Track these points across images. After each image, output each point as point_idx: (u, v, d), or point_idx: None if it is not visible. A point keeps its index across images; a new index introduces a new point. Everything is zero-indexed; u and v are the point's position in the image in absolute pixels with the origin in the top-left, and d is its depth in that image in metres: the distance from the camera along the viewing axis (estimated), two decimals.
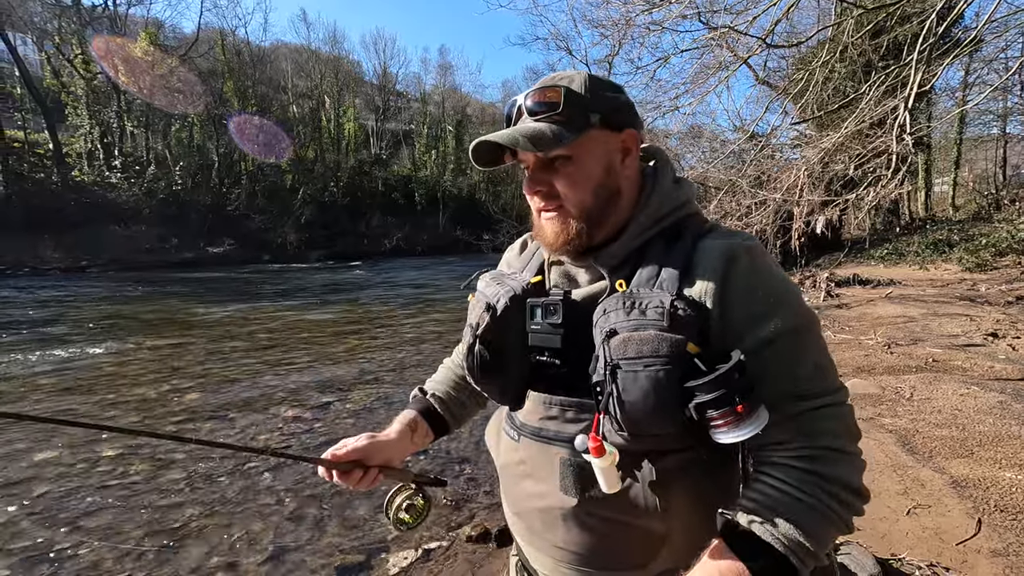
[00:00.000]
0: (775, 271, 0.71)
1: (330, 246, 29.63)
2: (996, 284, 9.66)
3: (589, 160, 0.74)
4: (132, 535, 2.79)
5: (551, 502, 0.76)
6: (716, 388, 0.60)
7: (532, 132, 0.71)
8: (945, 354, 5.24)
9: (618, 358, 0.64)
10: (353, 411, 4.72)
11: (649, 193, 0.78)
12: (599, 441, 0.66)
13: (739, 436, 0.61)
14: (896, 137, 4.38)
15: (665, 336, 0.63)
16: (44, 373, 5.88)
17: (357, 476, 0.88)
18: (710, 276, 0.68)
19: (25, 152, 24.63)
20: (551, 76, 0.77)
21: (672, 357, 0.62)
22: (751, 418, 0.61)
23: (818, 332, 0.70)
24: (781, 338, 0.66)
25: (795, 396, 0.66)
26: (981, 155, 24.00)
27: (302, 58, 40.63)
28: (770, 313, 0.67)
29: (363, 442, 0.89)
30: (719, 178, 7.97)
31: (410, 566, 2.49)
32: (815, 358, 0.68)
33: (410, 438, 0.94)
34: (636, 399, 0.63)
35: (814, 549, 0.61)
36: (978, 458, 3.01)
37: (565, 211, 0.76)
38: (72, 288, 14.43)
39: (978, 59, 11.02)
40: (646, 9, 5.67)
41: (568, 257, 0.81)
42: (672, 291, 0.67)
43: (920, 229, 16.88)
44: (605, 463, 0.66)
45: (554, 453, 0.75)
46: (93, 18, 27.05)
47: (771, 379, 0.65)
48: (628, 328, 0.65)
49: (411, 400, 1.03)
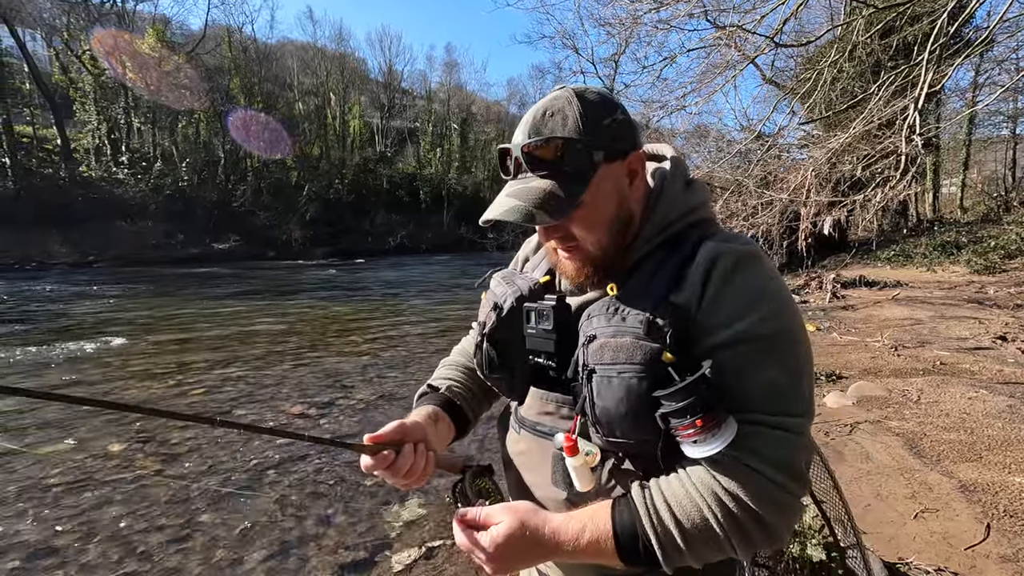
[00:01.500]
0: (763, 277, 0.67)
1: (335, 243, 29.72)
2: (1005, 287, 9.56)
3: (601, 200, 0.72)
4: (137, 527, 2.81)
5: (544, 494, 0.79)
6: (681, 398, 0.59)
7: (543, 198, 0.68)
8: (953, 357, 5.20)
9: (594, 363, 0.65)
10: (357, 408, 4.73)
11: (655, 203, 0.76)
12: (573, 441, 0.68)
13: (705, 451, 0.59)
14: (905, 138, 4.35)
15: (640, 344, 0.62)
16: (50, 367, 5.92)
17: (407, 463, 0.77)
18: (695, 281, 0.67)
19: (34, 147, 24.86)
20: (539, 117, 0.71)
21: (646, 364, 0.61)
22: (716, 433, 0.58)
23: (799, 351, 0.66)
24: (744, 343, 0.63)
25: (741, 410, 0.62)
26: (990, 156, 23.75)
27: (308, 55, 40.74)
28: (738, 316, 0.64)
29: (393, 425, 0.80)
30: (725, 178, 7.94)
31: (414, 563, 2.49)
32: (778, 374, 0.63)
33: (434, 429, 0.87)
34: (609, 404, 0.64)
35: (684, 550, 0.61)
36: (987, 462, 2.98)
37: (583, 250, 0.74)
38: (78, 283, 14.53)
39: (989, 59, 10.90)
40: (653, 8, 5.65)
41: (578, 285, 0.80)
42: (658, 298, 0.67)
43: (928, 231, 16.73)
44: (577, 462, 0.68)
45: (549, 447, 0.77)
46: (101, 14, 27.20)
47: (726, 384, 0.62)
48: (607, 334, 0.66)
49: (419, 398, 0.96)
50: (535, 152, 0.70)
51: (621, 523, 0.63)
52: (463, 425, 0.95)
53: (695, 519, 0.61)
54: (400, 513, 2.96)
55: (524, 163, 0.71)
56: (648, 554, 0.62)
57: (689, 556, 0.62)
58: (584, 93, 0.72)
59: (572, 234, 0.73)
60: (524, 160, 0.71)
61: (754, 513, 0.60)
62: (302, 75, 39.78)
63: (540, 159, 0.70)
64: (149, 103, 27.65)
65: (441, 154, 43.19)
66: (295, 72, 39.23)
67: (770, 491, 0.60)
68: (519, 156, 0.71)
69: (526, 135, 0.71)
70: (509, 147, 0.74)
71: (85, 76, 25.93)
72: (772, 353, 0.64)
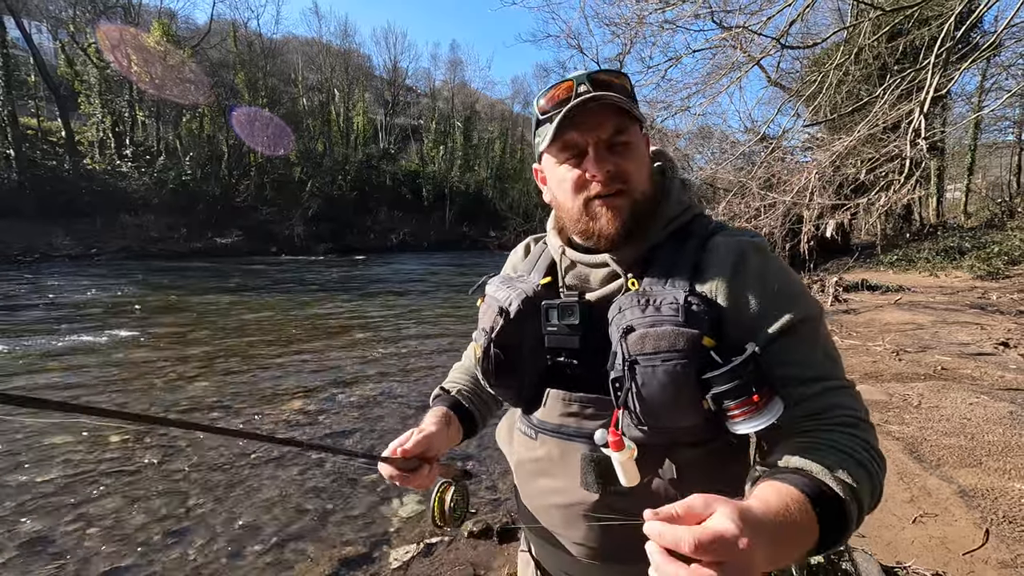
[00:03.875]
0: (784, 267, 0.74)
1: (337, 240, 29.71)
2: (1008, 293, 9.53)
3: (642, 148, 0.77)
4: (137, 521, 2.82)
5: (571, 498, 0.77)
6: (732, 379, 0.61)
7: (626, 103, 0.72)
8: (954, 362, 5.19)
9: (636, 354, 0.66)
10: (358, 404, 4.74)
11: (664, 196, 0.80)
12: (619, 435, 0.67)
13: (755, 426, 0.62)
14: (910, 142, 4.33)
15: (681, 331, 0.64)
16: (53, 357, 5.94)
17: (424, 473, 0.82)
18: (722, 272, 0.70)
19: (38, 139, 24.87)
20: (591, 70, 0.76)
21: (689, 351, 0.64)
22: (767, 408, 0.62)
23: (826, 324, 0.73)
24: (797, 327, 0.68)
25: (815, 379, 0.67)
26: (995, 162, 23.67)
27: (313, 51, 40.71)
28: (785, 305, 0.69)
29: (420, 436, 0.83)
30: (728, 179, 7.92)
31: (412, 560, 2.50)
32: (827, 347, 0.70)
33: (446, 432, 0.90)
34: (655, 393, 0.65)
35: (862, 499, 0.57)
36: (987, 468, 2.98)
37: (627, 194, 0.74)
38: (81, 275, 14.56)
39: (996, 64, 10.86)
40: (659, 8, 5.63)
41: (607, 245, 0.77)
42: (685, 288, 0.70)
43: (931, 235, 16.66)
44: (624, 456, 0.67)
45: (574, 450, 0.76)
46: (107, 7, 27.21)
47: (792, 364, 0.67)
48: (645, 324, 0.67)
49: (434, 399, 1.00)
50: (608, 79, 0.74)
51: (804, 486, 0.54)
52: (471, 427, 0.98)
53: (853, 469, 0.58)
54: (398, 510, 2.97)
55: (592, 88, 0.73)
56: (840, 517, 0.54)
57: (867, 503, 0.58)
58: None
59: (626, 170, 0.74)
60: (594, 84, 0.73)
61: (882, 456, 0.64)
62: (306, 71, 39.74)
63: (611, 84, 0.73)
64: (153, 96, 27.67)
65: (444, 152, 43.14)
66: (299, 68, 39.19)
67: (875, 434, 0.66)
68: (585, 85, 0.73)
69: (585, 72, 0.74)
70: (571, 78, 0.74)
71: (90, 69, 25.95)
72: (820, 329, 0.71)
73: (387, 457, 0.79)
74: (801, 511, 0.51)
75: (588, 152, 0.73)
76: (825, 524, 0.52)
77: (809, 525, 0.52)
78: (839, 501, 0.55)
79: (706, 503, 0.48)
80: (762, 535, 0.46)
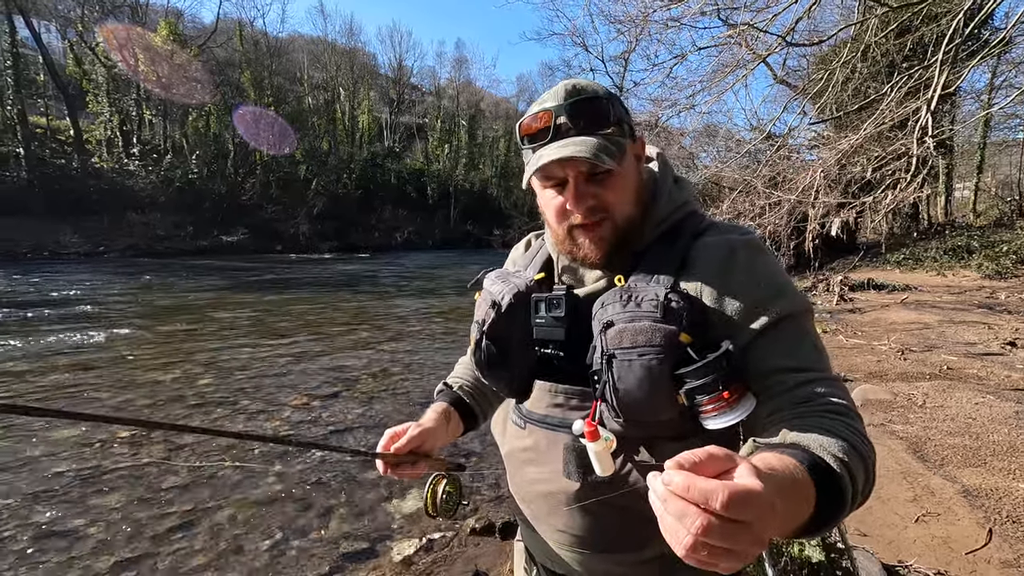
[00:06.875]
0: (772, 262, 0.74)
1: (342, 238, 29.82)
2: (1016, 292, 9.44)
3: (630, 170, 0.76)
4: (141, 514, 2.85)
5: (554, 486, 0.79)
6: (704, 375, 0.62)
7: (600, 146, 0.69)
8: (960, 362, 5.15)
9: (614, 348, 0.68)
10: (361, 401, 4.77)
11: (656, 197, 0.80)
12: (594, 426, 0.69)
13: (726, 422, 0.63)
14: (917, 139, 4.29)
15: (658, 327, 0.66)
16: (60, 354, 6.01)
17: (421, 466, 0.85)
18: (708, 270, 0.71)
19: (47, 138, 25.10)
20: (570, 88, 0.73)
21: (665, 346, 0.65)
22: (738, 404, 0.63)
23: (813, 322, 0.73)
24: (783, 321, 0.68)
25: (803, 368, 0.67)
26: (1005, 160, 23.35)
27: (318, 50, 40.81)
28: (772, 301, 0.69)
29: (415, 432, 0.85)
30: (733, 178, 7.89)
31: (414, 555, 2.52)
32: (815, 341, 0.70)
33: (446, 428, 0.93)
34: (631, 387, 0.66)
35: (856, 479, 0.54)
36: (991, 468, 2.96)
37: (609, 223, 0.75)
38: (89, 273, 14.70)
39: (1006, 61, 10.73)
40: (664, 5, 5.60)
41: (592, 267, 0.80)
42: (667, 285, 0.70)
43: (939, 234, 16.50)
44: (599, 447, 0.69)
45: (560, 440, 0.78)
46: (115, 6, 27.38)
47: (780, 356, 0.67)
48: (624, 319, 0.68)
49: (437, 394, 1.03)
50: (584, 107, 0.72)
51: (802, 457, 0.52)
52: (471, 421, 1.01)
53: (847, 449, 0.55)
54: (401, 505, 2.99)
55: (570, 121, 0.72)
56: (836, 492, 0.52)
57: (860, 485, 0.55)
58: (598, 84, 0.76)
59: (606, 202, 0.74)
60: (571, 115, 0.71)
61: (869, 440, 0.61)
62: (312, 69, 39.86)
63: (589, 114, 0.72)
64: (160, 96, 27.84)
65: (449, 150, 43.16)
66: (305, 66, 39.31)
67: (862, 422, 0.64)
68: (563, 117, 0.72)
69: (563, 98, 0.73)
70: (550, 108, 0.72)
71: (98, 68, 26.14)
72: (806, 325, 0.70)
73: (380, 453, 0.82)
74: (803, 478, 0.49)
75: (569, 182, 0.73)
76: (822, 496, 0.50)
77: (808, 493, 0.49)
78: (835, 476, 0.52)
79: (728, 455, 0.42)
80: (778, 498, 0.42)
